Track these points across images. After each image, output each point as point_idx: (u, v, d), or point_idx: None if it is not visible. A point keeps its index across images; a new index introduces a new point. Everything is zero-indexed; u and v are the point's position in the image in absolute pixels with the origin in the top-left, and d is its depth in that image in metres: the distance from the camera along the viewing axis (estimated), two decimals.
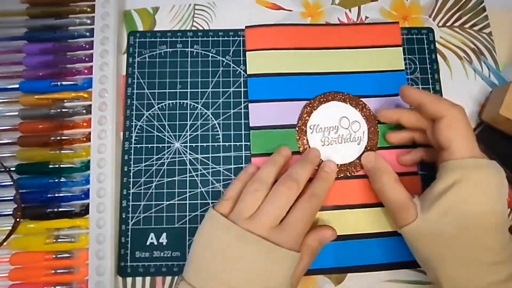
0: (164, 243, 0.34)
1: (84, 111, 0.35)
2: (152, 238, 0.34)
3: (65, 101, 0.36)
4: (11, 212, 0.33)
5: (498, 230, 0.26)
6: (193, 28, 0.39)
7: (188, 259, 0.28)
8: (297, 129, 0.35)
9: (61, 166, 0.34)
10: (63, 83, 0.36)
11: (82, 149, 0.35)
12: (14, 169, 0.34)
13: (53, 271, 0.32)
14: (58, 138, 0.35)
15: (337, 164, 0.34)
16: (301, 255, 0.28)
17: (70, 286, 0.32)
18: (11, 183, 0.33)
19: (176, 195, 0.35)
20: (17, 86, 0.35)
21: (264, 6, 0.39)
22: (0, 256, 0.33)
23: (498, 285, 0.25)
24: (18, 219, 0.33)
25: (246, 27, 0.38)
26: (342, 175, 0.34)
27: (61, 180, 0.34)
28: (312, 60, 0.37)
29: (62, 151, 0.34)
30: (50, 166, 0.34)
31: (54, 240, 0.33)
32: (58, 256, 0.32)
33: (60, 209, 0.33)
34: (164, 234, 0.34)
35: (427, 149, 0.33)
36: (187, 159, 0.35)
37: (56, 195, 0.34)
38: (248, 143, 0.35)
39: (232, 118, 0.36)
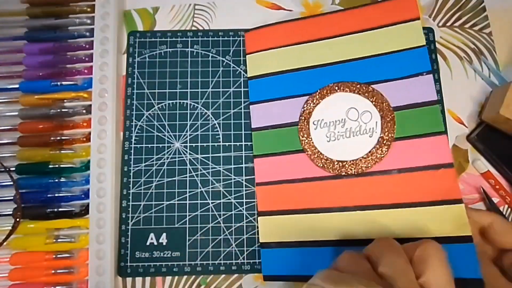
0: (164, 243, 0.34)
1: (84, 111, 0.35)
2: (152, 238, 0.34)
3: (65, 101, 0.36)
4: (11, 212, 0.33)
5: None
6: (193, 28, 0.39)
7: None
8: (299, 126, 0.34)
9: (61, 166, 0.34)
10: (63, 83, 0.36)
11: (82, 149, 0.35)
12: (14, 169, 0.34)
13: (53, 271, 0.32)
14: (58, 138, 0.35)
15: (345, 161, 0.32)
16: None
17: (70, 286, 0.32)
18: (11, 183, 0.33)
19: (176, 195, 0.35)
20: (17, 86, 0.35)
21: (264, 6, 0.39)
22: (0, 256, 0.33)
23: None
24: (18, 219, 0.33)
25: (245, 32, 0.37)
26: (352, 172, 0.32)
27: (61, 180, 0.34)
28: (313, 52, 0.35)
29: (62, 151, 0.34)
30: (50, 166, 0.34)
31: (54, 240, 0.33)
32: (58, 256, 0.32)
33: (60, 209, 0.33)
34: (164, 234, 0.34)
35: None
36: (187, 159, 0.35)
37: (56, 195, 0.34)
38: (248, 143, 0.35)
39: (232, 118, 0.36)
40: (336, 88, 0.34)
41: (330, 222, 0.32)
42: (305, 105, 0.34)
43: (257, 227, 0.34)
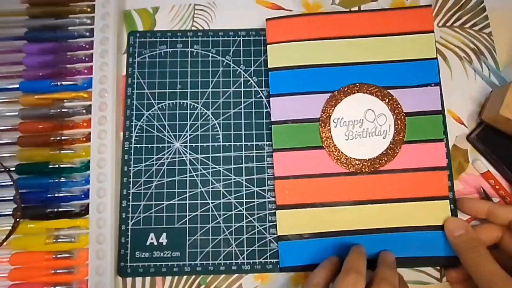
0: (164, 243, 0.34)
1: (84, 111, 0.35)
2: (152, 238, 0.34)
3: (65, 101, 0.36)
4: (11, 212, 0.33)
5: None
6: (193, 28, 0.39)
7: None
8: (320, 122, 0.35)
9: (61, 166, 0.34)
10: (63, 83, 0.36)
11: (82, 149, 0.35)
12: (14, 169, 0.34)
13: (53, 271, 0.32)
14: (58, 138, 0.35)
15: (362, 159, 0.34)
16: None
17: (70, 286, 0.32)
18: (11, 183, 0.33)
19: (176, 195, 0.35)
20: (17, 86, 0.35)
21: (264, 6, 0.39)
22: (0, 256, 0.33)
23: None
24: (18, 219, 0.33)
25: (266, 19, 0.37)
26: (366, 170, 0.34)
27: (61, 180, 0.34)
28: (336, 50, 0.36)
29: (62, 151, 0.34)
30: (50, 166, 0.34)
31: (54, 240, 0.33)
32: (58, 256, 0.32)
33: (60, 209, 0.33)
34: (164, 234, 0.34)
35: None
36: (187, 159, 0.35)
37: (56, 195, 0.34)
38: (248, 143, 0.35)
39: (232, 118, 0.36)
40: (357, 88, 0.35)
41: (344, 215, 0.34)
42: (327, 102, 0.35)
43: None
